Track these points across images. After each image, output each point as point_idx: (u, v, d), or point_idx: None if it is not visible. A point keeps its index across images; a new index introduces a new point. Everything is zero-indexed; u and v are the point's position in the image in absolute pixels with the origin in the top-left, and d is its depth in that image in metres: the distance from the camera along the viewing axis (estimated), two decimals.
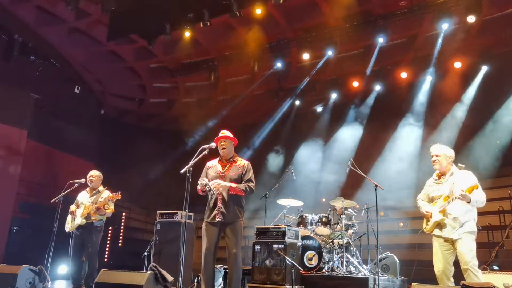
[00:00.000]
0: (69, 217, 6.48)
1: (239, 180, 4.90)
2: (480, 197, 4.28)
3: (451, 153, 4.58)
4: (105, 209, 6.41)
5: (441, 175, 4.58)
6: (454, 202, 4.30)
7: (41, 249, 6.46)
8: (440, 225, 4.41)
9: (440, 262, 4.38)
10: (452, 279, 4.33)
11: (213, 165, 5.03)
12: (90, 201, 6.41)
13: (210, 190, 4.71)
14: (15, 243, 9.81)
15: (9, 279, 5.76)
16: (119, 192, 6.43)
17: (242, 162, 5.05)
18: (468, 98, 10.91)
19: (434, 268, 4.43)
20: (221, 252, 4.90)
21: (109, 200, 6.42)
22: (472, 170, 4.54)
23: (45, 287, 5.97)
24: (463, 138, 10.43)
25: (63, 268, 9.75)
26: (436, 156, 4.55)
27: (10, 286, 5.70)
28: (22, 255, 8.24)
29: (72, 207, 6.51)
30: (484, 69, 10.61)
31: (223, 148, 4.95)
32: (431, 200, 4.60)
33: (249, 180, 4.93)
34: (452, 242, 4.33)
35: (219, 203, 4.77)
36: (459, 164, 4.57)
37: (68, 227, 6.45)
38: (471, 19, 9.01)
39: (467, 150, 10.08)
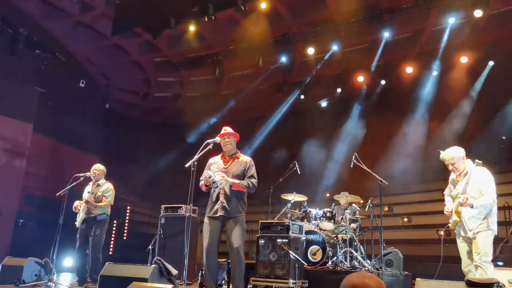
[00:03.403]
0: (79, 213, 6.52)
1: (241, 176, 4.91)
2: (483, 202, 4.15)
3: (462, 152, 4.41)
4: (97, 202, 6.33)
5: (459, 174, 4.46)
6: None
7: (46, 242, 6.50)
8: (461, 224, 4.36)
9: (463, 259, 4.36)
10: (475, 272, 4.24)
11: (216, 161, 5.04)
12: (88, 196, 6.43)
13: (214, 182, 4.71)
14: (21, 236, 9.88)
15: (15, 271, 5.81)
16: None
17: (245, 158, 5.05)
18: (474, 93, 10.84)
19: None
20: (225, 246, 4.92)
21: (105, 192, 6.42)
22: None
23: (50, 280, 6.01)
24: (469, 133, 10.38)
25: (69, 261, 9.82)
26: (452, 164, 4.39)
27: (16, 278, 5.75)
28: (28, 248, 8.30)
29: (76, 203, 6.53)
30: (491, 64, 10.53)
31: (227, 145, 4.94)
32: (454, 197, 4.49)
33: (252, 176, 4.93)
34: (470, 240, 4.29)
35: (222, 198, 4.78)
36: (476, 160, 4.40)
37: (77, 222, 6.48)
38: (478, 13, 8.94)
39: (472, 145, 10.04)
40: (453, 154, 4.39)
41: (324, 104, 13.40)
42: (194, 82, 13.42)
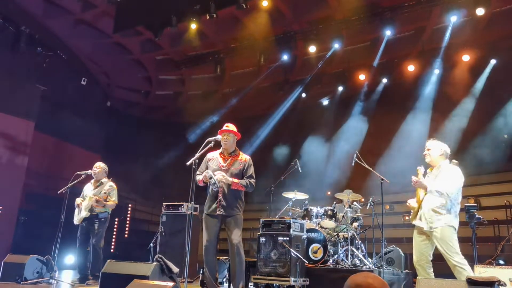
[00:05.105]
0: (76, 210, 6.54)
1: (240, 175, 4.92)
2: (439, 188, 4.26)
3: (444, 147, 4.58)
4: (106, 201, 6.42)
5: (432, 168, 4.61)
6: (428, 195, 4.37)
7: (48, 239, 6.52)
8: (419, 216, 4.47)
9: (415, 252, 4.45)
10: (429, 271, 4.36)
11: (214, 157, 5.03)
12: (93, 193, 6.45)
13: (214, 183, 4.72)
14: (23, 233, 9.90)
15: (17, 269, 5.83)
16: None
17: (244, 157, 5.05)
18: (475, 92, 10.81)
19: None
20: (226, 244, 4.93)
21: (110, 192, 6.45)
22: (478, 165, 4.51)
23: (52, 277, 6.04)
24: (470, 132, 10.35)
25: (70, 258, 9.85)
26: (428, 149, 4.60)
27: (18, 275, 5.77)
28: (30, 245, 8.30)
29: (78, 200, 6.55)
30: (493, 62, 10.50)
31: (225, 141, 4.94)
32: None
33: (250, 176, 4.95)
34: (427, 234, 4.37)
35: (220, 196, 4.79)
36: (453, 160, 4.57)
37: (76, 220, 6.51)
38: (480, 11, 8.92)
39: (474, 144, 10.02)
40: (433, 143, 4.64)
41: (325, 102, 13.37)
42: (195, 80, 13.41)
